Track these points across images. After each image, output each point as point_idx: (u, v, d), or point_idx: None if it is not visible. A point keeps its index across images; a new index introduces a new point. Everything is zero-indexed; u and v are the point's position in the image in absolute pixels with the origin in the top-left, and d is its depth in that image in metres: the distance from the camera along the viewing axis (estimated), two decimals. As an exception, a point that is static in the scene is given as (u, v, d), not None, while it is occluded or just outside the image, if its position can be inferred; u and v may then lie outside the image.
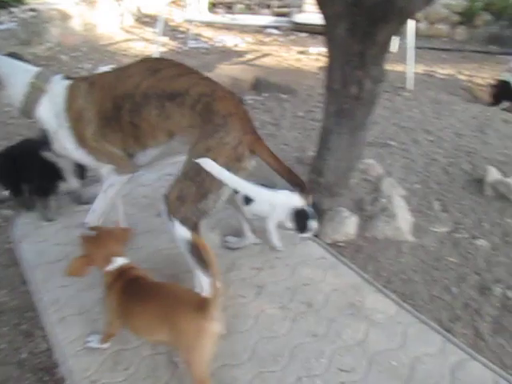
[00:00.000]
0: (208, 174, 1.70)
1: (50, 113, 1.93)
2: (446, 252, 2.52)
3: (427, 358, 1.71)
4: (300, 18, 6.78)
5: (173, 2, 8.10)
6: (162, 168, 3.02)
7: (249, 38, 7.24)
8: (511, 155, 3.43)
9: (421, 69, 5.77)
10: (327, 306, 1.93)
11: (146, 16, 7.88)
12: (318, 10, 2.39)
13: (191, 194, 1.75)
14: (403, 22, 2.30)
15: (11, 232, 2.50)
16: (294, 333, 1.83)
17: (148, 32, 7.18)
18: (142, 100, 1.81)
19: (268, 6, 7.83)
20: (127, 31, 7.13)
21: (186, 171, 1.78)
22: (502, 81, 4.62)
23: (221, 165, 1.70)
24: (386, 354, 1.73)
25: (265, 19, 6.89)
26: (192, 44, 6.79)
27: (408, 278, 2.34)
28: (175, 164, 2.42)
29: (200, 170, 1.70)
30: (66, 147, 1.98)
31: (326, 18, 2.33)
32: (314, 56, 6.31)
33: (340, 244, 2.53)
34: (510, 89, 4.53)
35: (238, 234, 2.39)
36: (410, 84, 5.01)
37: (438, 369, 1.67)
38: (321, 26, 2.42)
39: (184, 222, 1.77)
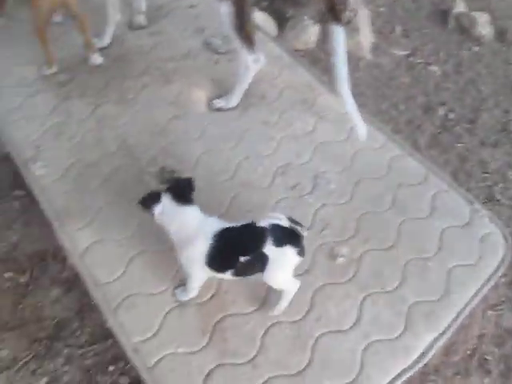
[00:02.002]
0: None
1: None
2: (400, 73, 2.52)
3: (369, 151, 1.79)
4: None
5: None
6: None
7: None
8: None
9: None
10: (280, 99, 1.91)
11: None
12: None
13: None
14: None
15: None
16: (245, 120, 1.83)
17: None
18: None
19: None
20: None
21: None
22: None
23: None
24: (331, 145, 1.79)
25: None
26: None
27: (360, 92, 2.34)
28: None
29: None
30: None
31: None
32: None
33: (299, 52, 2.44)
34: None
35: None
36: None
37: (378, 160, 1.76)
38: None
39: None
